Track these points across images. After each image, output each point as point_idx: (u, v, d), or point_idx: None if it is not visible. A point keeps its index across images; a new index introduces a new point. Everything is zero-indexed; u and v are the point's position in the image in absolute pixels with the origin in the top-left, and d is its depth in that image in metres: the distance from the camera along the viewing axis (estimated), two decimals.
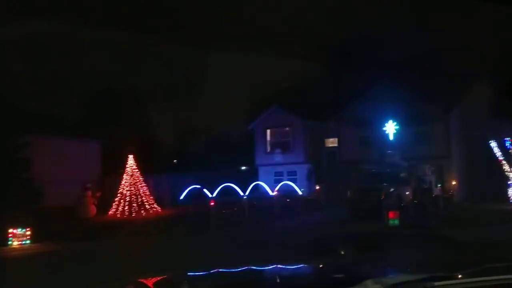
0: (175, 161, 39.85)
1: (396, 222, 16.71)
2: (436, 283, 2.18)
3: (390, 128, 28.75)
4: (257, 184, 28.37)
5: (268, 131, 34.10)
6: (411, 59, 27.90)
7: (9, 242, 15.88)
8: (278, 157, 32.88)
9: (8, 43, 19.71)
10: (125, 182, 24.88)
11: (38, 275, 10.66)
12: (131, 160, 25.07)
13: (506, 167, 24.11)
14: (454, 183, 26.57)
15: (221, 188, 24.42)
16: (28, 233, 16.16)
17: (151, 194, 25.42)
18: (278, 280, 3.05)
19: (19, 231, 16.08)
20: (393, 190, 20.64)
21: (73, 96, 33.24)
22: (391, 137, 28.64)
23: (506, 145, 24.18)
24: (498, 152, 24.19)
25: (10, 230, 15.96)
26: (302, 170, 32.04)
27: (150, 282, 2.98)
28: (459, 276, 2.40)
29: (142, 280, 2.92)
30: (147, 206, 24.98)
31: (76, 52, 30.03)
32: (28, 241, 16.07)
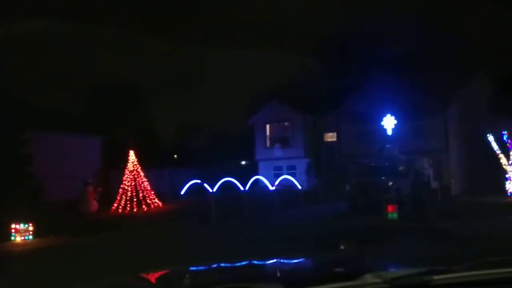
0: (175, 156, 39.98)
1: (395, 215, 16.79)
2: (435, 277, 2.19)
3: (389, 122, 28.87)
4: (257, 178, 28.47)
5: (268, 126, 34.21)
6: (409, 53, 27.99)
7: (12, 238, 15.95)
8: (277, 152, 33.00)
9: (11, 40, 19.78)
10: (127, 177, 24.99)
11: (41, 270, 10.75)
12: (132, 155, 25.15)
13: (503, 160, 24.21)
14: (452, 176, 26.69)
15: (222, 183, 24.51)
16: (31, 228, 16.19)
17: (152, 189, 25.53)
18: (278, 274, 3.06)
19: (21, 226, 16.11)
20: (392, 184, 20.74)
21: (75, 92, 33.28)
22: (389, 132, 28.76)
23: (504, 138, 24.26)
24: (495, 146, 24.28)
25: (13, 226, 16.00)
26: (302, 164, 32.20)
27: (152, 277, 3.00)
28: (458, 269, 2.38)
29: (144, 275, 2.93)
30: (148, 201, 25.12)
31: (78, 48, 30.06)
32: (30, 236, 16.11)
